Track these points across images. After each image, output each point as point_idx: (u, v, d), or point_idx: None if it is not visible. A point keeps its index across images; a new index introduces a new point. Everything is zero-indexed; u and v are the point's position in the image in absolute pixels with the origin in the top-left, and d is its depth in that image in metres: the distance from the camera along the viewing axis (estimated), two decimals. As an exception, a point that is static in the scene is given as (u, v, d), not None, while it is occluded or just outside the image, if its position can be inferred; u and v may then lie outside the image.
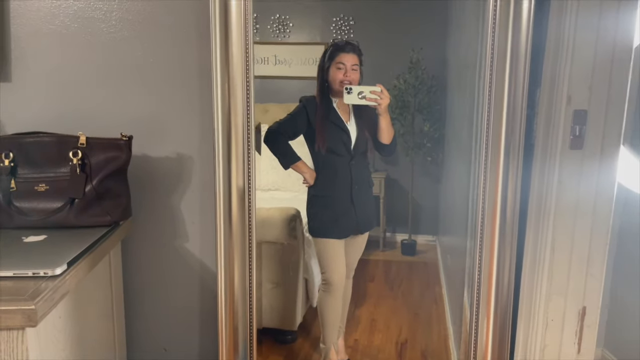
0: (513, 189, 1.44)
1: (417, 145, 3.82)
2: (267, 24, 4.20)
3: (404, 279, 3.61)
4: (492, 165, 1.44)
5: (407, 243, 3.97)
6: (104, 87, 1.53)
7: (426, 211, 4.17)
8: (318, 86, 2.21)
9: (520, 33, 1.39)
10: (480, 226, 1.48)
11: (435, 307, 3.20)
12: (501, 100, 1.42)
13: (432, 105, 3.83)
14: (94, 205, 1.35)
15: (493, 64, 1.41)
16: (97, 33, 1.50)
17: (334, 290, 2.34)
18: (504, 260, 1.46)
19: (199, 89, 1.51)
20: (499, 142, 1.43)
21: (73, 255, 1.19)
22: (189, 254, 1.60)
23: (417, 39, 3.91)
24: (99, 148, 1.36)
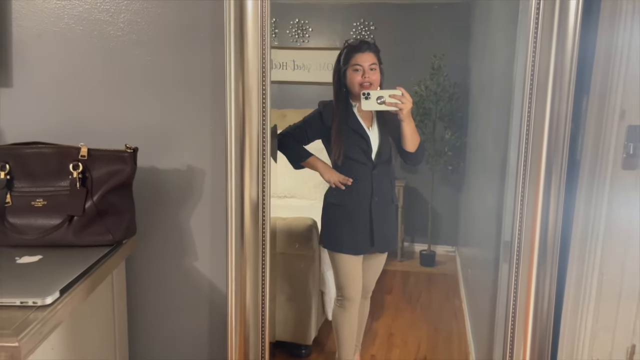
0: (555, 211, 1.27)
1: (437, 153, 3.64)
2: (286, 28, 4.06)
3: (422, 291, 3.44)
4: (531, 185, 1.28)
5: (426, 254, 3.80)
6: (110, 94, 1.39)
7: (446, 221, 3.99)
8: (335, 92, 2.02)
9: (566, 39, 1.22)
10: (516, 253, 1.31)
11: (455, 321, 3.02)
12: (543, 113, 1.25)
13: (454, 113, 3.66)
14: (95, 222, 1.21)
15: (534, 73, 1.25)
16: (104, 36, 1.37)
17: (350, 306, 2.18)
18: (543, 291, 1.29)
19: (212, 96, 1.37)
20: (539, 159, 1.27)
21: (68, 280, 1.05)
22: (199, 274, 1.45)
23: (438, 44, 3.73)
24: (101, 160, 1.22)
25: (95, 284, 1.16)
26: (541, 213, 1.28)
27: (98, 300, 1.26)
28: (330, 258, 2.17)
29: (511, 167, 1.40)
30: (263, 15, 1.29)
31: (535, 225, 1.28)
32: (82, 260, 1.16)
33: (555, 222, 1.27)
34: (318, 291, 2.62)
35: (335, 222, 2.05)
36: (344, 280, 2.13)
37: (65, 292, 1.03)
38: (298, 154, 2.07)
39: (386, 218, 2.08)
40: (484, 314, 2.22)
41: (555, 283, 1.28)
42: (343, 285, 2.14)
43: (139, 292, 1.46)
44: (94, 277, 1.15)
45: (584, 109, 1.25)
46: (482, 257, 2.41)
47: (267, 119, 1.35)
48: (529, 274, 1.30)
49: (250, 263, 1.38)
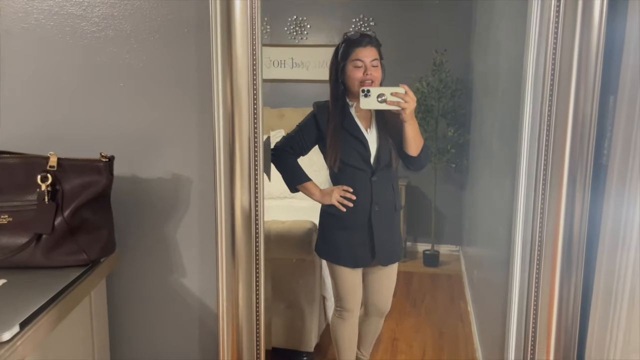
0: (579, 218, 1.12)
1: (440, 151, 3.49)
2: (283, 25, 3.90)
3: (426, 293, 3.30)
4: (553, 187, 1.13)
5: (429, 254, 3.65)
6: (85, 96, 1.23)
7: (449, 220, 3.84)
8: (331, 89, 1.82)
9: (591, 30, 1.07)
10: (537, 260, 1.17)
11: (461, 324, 2.88)
12: (565, 112, 1.10)
13: (457, 110, 3.50)
14: (66, 241, 1.06)
15: (555, 70, 1.10)
16: (77, 33, 1.21)
17: (349, 316, 2.02)
18: (567, 302, 1.15)
19: (198, 97, 1.22)
20: (562, 160, 1.11)
21: (31, 310, 0.91)
22: (187, 292, 1.30)
23: (440, 40, 3.58)
24: (73, 171, 1.07)
25: (67, 310, 1.01)
26: (564, 217, 1.13)
27: (74, 324, 1.11)
28: (328, 268, 2.02)
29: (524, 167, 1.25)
30: (253, 8, 1.14)
31: (557, 229, 1.14)
32: (52, 284, 1.01)
33: (580, 227, 1.12)
34: (319, 296, 2.48)
35: (332, 233, 1.87)
36: (343, 292, 1.97)
37: (27, 324, 0.88)
38: (294, 175, 1.90)
39: (389, 228, 1.89)
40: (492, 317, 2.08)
41: (580, 294, 1.14)
42: (342, 297, 1.99)
43: (121, 313, 1.31)
44: (65, 302, 1.00)
45: (610, 109, 1.10)
46: (490, 257, 2.27)
47: (259, 122, 1.20)
48: (551, 280, 1.15)
49: (242, 278, 1.23)
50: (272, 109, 3.80)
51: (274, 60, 3.96)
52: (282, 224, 2.49)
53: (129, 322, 1.32)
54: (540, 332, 1.18)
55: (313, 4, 3.89)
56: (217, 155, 1.17)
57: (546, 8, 1.10)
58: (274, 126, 3.71)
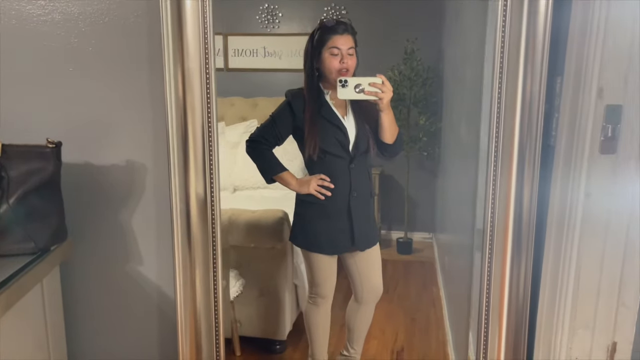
0: (529, 198, 1.14)
1: (412, 139, 3.50)
2: (255, 14, 3.86)
3: (399, 280, 3.33)
4: (504, 170, 1.15)
5: (403, 241, 3.68)
6: (33, 82, 1.21)
7: (422, 208, 3.87)
8: (306, 77, 1.79)
9: (538, 12, 1.08)
10: (489, 240, 1.19)
11: (433, 310, 2.92)
12: (514, 93, 1.11)
13: (428, 98, 3.52)
14: (12, 229, 1.04)
15: (504, 49, 1.11)
16: (23, 16, 1.18)
17: (323, 303, 2.02)
18: (517, 282, 1.17)
19: (151, 82, 1.20)
20: (511, 142, 1.13)
21: (-28, 298, 0.89)
22: (144, 280, 1.29)
23: (411, 28, 3.58)
24: (19, 157, 1.05)
25: (14, 298, 0.99)
26: (514, 200, 1.15)
27: (25, 313, 1.09)
28: (303, 255, 2.01)
29: (482, 151, 1.27)
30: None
31: (508, 212, 1.16)
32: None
33: (529, 209, 1.14)
34: (291, 285, 2.49)
35: (310, 221, 1.86)
36: (318, 279, 1.97)
37: (-32, 312, 0.87)
38: (269, 166, 1.87)
39: (365, 213, 1.89)
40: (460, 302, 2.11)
41: (530, 274, 1.16)
42: (317, 283, 1.98)
43: (77, 302, 1.29)
44: (12, 290, 0.98)
45: (558, 90, 1.11)
46: (458, 243, 2.30)
47: (213, 109, 1.19)
48: (502, 262, 1.18)
49: (199, 265, 1.23)
50: (246, 99, 3.77)
51: (246, 50, 3.92)
52: (252, 213, 2.48)
53: (86, 311, 1.30)
54: (493, 312, 1.20)
55: (284, -7, 3.85)
56: (170, 143, 1.16)
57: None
58: (248, 116, 3.68)
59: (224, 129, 3.47)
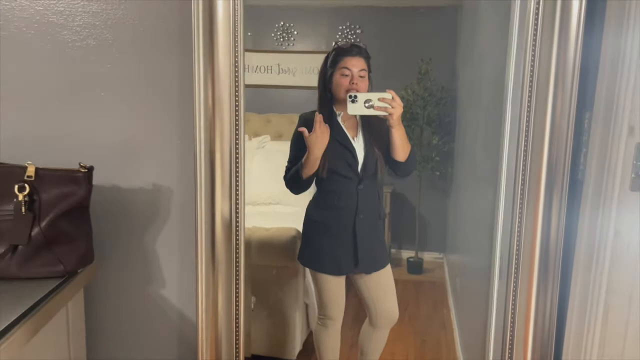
0: (555, 232, 1.14)
1: (425, 158, 3.51)
2: (271, 31, 3.90)
3: (410, 300, 3.31)
4: (530, 201, 1.15)
5: (413, 261, 3.67)
6: (65, 105, 1.22)
7: (433, 227, 3.86)
8: (319, 97, 1.84)
9: (568, 46, 1.09)
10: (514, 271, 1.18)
11: (443, 332, 2.90)
12: (542, 127, 1.12)
13: (442, 118, 3.53)
14: (42, 252, 1.05)
15: (533, 84, 1.11)
16: (58, 41, 1.20)
17: (332, 324, 2.02)
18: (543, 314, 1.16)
19: (179, 107, 1.22)
20: (538, 175, 1.13)
21: (5, 323, 0.89)
22: (166, 303, 1.30)
23: (426, 48, 3.60)
24: (51, 181, 1.06)
25: (42, 322, 1.00)
26: (541, 232, 1.15)
27: (50, 337, 1.09)
28: (311, 275, 2.01)
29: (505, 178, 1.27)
30: (235, 15, 1.14)
31: (534, 244, 1.16)
32: (27, 296, 1.00)
33: (556, 242, 1.14)
34: (302, 304, 2.48)
35: (316, 240, 1.87)
36: (326, 300, 1.97)
37: (1, 337, 0.87)
38: (298, 177, 1.82)
39: (372, 236, 1.89)
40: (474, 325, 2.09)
41: (556, 309, 1.16)
42: (325, 304, 1.98)
43: (99, 324, 1.30)
44: (41, 315, 0.99)
45: (586, 126, 1.12)
46: (472, 265, 2.29)
47: (241, 128, 1.20)
48: (528, 295, 1.17)
49: (222, 287, 1.23)
50: (259, 115, 3.80)
51: (260, 66, 3.96)
52: (266, 231, 2.49)
53: (107, 334, 1.31)
54: (517, 343, 1.20)
55: (300, 11, 3.90)
56: (198, 162, 1.16)
57: (525, 24, 1.12)
58: (261, 132, 3.71)
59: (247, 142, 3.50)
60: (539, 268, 1.16)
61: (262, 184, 3.38)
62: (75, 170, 1.08)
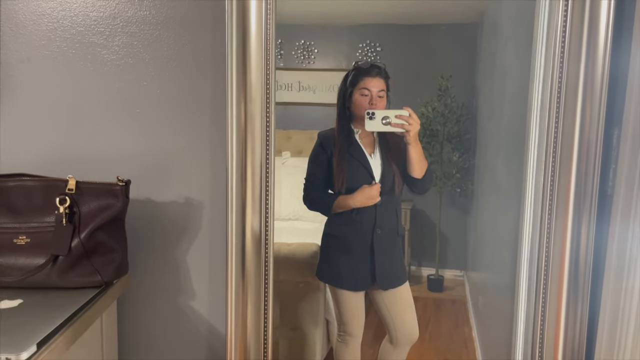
0: (585, 248, 1.15)
1: (445, 175, 3.52)
2: (291, 49, 3.98)
3: (431, 318, 3.29)
4: (559, 218, 1.16)
5: (434, 278, 3.65)
6: (103, 121, 1.28)
7: (454, 244, 3.84)
8: (337, 115, 1.89)
9: (596, 61, 1.11)
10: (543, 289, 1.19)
11: (465, 351, 2.87)
12: (570, 143, 1.13)
13: (462, 135, 3.54)
14: (81, 262, 1.09)
15: (560, 99, 1.13)
16: (97, 60, 1.26)
17: (352, 341, 2.03)
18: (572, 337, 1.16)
19: (212, 123, 1.26)
20: (567, 191, 1.15)
21: (48, 330, 0.93)
22: (196, 315, 1.33)
23: (446, 65, 3.63)
24: (90, 194, 1.11)
25: (80, 331, 1.03)
26: (570, 248, 1.15)
27: (85, 346, 1.13)
28: (330, 292, 2.03)
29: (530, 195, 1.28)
30: (267, 36, 1.19)
31: (563, 261, 1.16)
32: (67, 304, 1.04)
33: (585, 258, 1.14)
34: (323, 320, 2.48)
35: (333, 255, 1.90)
36: (345, 316, 1.98)
37: (44, 344, 0.91)
38: (325, 204, 1.89)
39: (390, 252, 1.92)
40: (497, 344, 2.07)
41: (585, 326, 1.15)
42: (344, 321, 2.00)
43: (130, 334, 1.33)
44: (79, 323, 1.02)
45: (615, 142, 1.13)
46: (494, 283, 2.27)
47: (271, 144, 1.24)
48: (557, 313, 1.18)
49: (251, 301, 1.25)
50: (279, 131, 3.85)
51: (281, 84, 4.03)
52: (288, 247, 2.51)
53: (138, 344, 1.34)
54: (547, 359, 1.19)
55: (321, 29, 3.97)
56: (230, 177, 1.20)
57: (551, 40, 1.14)
58: (282, 148, 3.76)
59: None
60: (568, 285, 1.16)
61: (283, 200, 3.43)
62: (113, 183, 1.12)
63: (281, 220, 3.45)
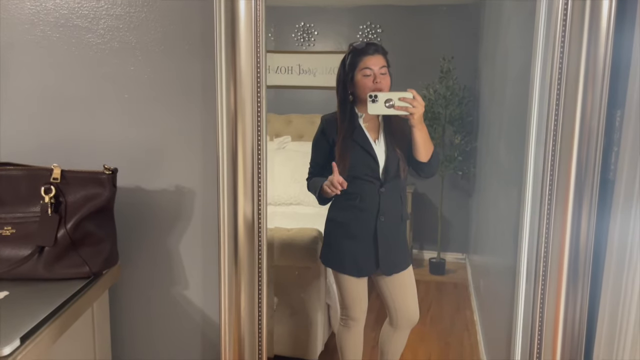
0: (586, 233, 1.11)
1: (447, 158, 3.47)
2: (291, 32, 3.90)
3: (432, 302, 3.27)
4: (559, 202, 1.11)
5: (435, 262, 3.62)
6: (89, 107, 1.24)
7: (456, 228, 3.81)
8: (339, 101, 1.81)
9: (599, 42, 1.05)
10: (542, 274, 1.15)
11: (467, 334, 2.85)
12: (571, 125, 1.09)
13: (464, 117, 3.48)
14: (68, 253, 1.06)
15: (562, 81, 1.08)
16: (82, 44, 1.22)
17: (354, 325, 2.00)
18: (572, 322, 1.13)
19: (202, 109, 1.22)
20: (567, 174, 1.10)
21: (32, 324, 0.91)
22: (189, 304, 1.30)
23: (447, 47, 3.56)
24: (77, 183, 1.07)
25: (68, 323, 1.01)
26: (570, 233, 1.11)
27: (76, 337, 1.11)
28: (334, 276, 2.00)
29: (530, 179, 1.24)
30: (257, 17, 1.14)
31: (563, 245, 1.12)
32: (54, 296, 1.01)
33: (586, 243, 1.10)
34: (324, 304, 2.47)
35: (337, 241, 1.86)
36: (348, 301, 1.96)
37: (28, 338, 0.88)
38: (314, 188, 1.85)
39: (394, 238, 1.87)
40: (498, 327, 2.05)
41: (586, 311, 1.12)
42: (347, 305, 1.97)
43: (123, 325, 1.31)
44: (67, 315, 1.00)
45: (617, 123, 1.08)
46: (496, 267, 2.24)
47: (263, 129, 1.19)
48: (557, 297, 1.14)
49: (245, 288, 1.22)
50: (279, 115, 3.80)
51: (281, 67, 3.96)
52: (288, 232, 2.48)
53: (132, 334, 1.32)
54: (546, 347, 1.17)
55: (320, 11, 3.89)
56: (220, 163, 1.16)
57: (553, 20, 1.09)
58: (282, 132, 3.71)
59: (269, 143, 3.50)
60: (568, 271, 1.13)
61: (283, 184, 3.39)
62: (99, 172, 1.09)
63: (282, 205, 3.42)
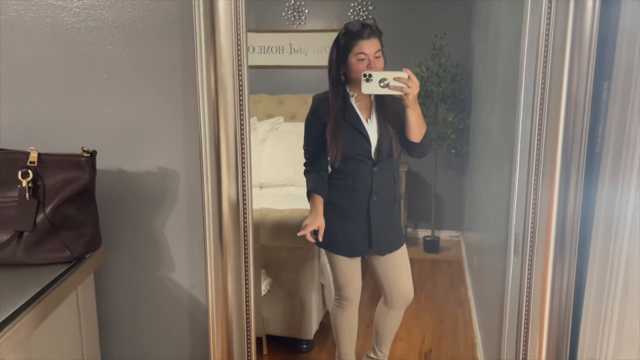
0: (572, 207, 1.09)
1: (440, 136, 3.44)
2: (281, 11, 3.84)
3: (426, 279, 3.29)
4: (546, 176, 1.10)
5: (429, 240, 3.63)
6: (66, 89, 1.20)
7: (450, 205, 3.80)
8: (331, 80, 1.76)
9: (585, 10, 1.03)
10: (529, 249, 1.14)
11: (461, 311, 2.87)
12: (558, 98, 1.06)
13: (457, 95, 3.44)
14: (49, 238, 1.04)
15: (548, 52, 1.06)
16: (57, 24, 1.18)
17: (348, 305, 2.00)
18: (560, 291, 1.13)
19: (183, 88, 1.19)
20: (554, 148, 1.08)
21: (10, 310, 0.89)
22: (176, 286, 1.29)
23: (439, 24, 3.50)
24: (55, 167, 1.05)
25: (50, 308, 0.99)
26: (557, 207, 1.10)
27: (61, 322, 1.09)
28: (327, 257, 1.99)
29: (520, 155, 1.22)
30: (237, -7, 1.10)
31: (550, 219, 1.11)
32: (34, 282, 0.99)
33: (573, 217, 1.09)
34: (318, 284, 2.47)
35: (330, 221, 1.85)
36: (341, 281, 1.95)
37: (6, 325, 0.87)
38: (307, 184, 1.89)
39: (387, 218, 1.85)
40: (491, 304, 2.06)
41: (572, 285, 1.12)
42: (341, 286, 1.97)
43: (110, 309, 1.30)
44: (49, 301, 0.98)
45: (604, 96, 1.06)
46: (489, 243, 2.24)
47: (245, 110, 1.17)
48: (544, 270, 1.13)
49: (231, 269, 1.21)
50: (271, 96, 3.76)
51: (271, 47, 3.90)
52: (280, 213, 2.47)
53: (119, 318, 1.31)
54: (534, 322, 1.16)
55: (311, -11, 3.81)
56: (203, 144, 1.14)
57: (538, -9, 1.06)
58: (274, 113, 3.67)
59: (256, 124, 3.45)
60: (555, 245, 1.12)
61: (276, 165, 3.36)
62: (78, 155, 1.06)
63: (275, 186, 3.40)
